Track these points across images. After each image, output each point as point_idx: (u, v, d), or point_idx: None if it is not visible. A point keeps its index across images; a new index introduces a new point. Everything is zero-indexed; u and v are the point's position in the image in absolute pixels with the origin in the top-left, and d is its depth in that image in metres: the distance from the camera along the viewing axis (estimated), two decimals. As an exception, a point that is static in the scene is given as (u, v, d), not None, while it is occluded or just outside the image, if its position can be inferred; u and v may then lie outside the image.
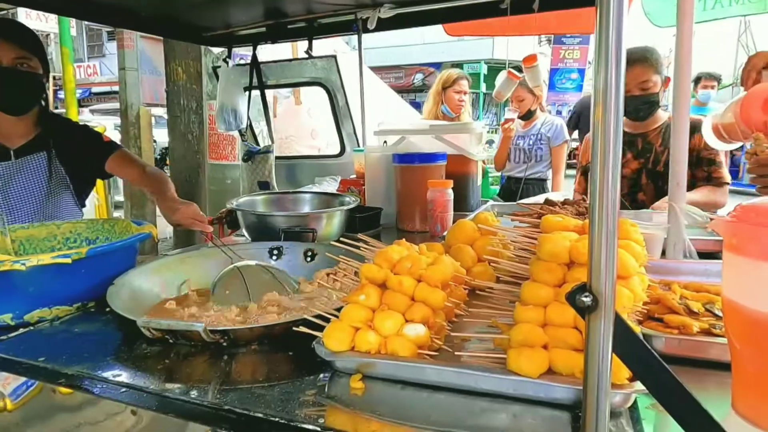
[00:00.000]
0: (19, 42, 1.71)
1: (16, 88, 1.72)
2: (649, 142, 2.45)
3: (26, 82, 1.72)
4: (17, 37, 1.71)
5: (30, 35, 1.76)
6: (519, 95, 3.28)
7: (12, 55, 1.68)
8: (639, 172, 2.45)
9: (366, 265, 0.92)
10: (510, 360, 0.75)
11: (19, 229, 1.53)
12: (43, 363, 0.94)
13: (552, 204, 1.31)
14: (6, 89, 1.70)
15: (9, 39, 1.69)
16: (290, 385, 0.86)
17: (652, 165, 2.41)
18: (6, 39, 1.68)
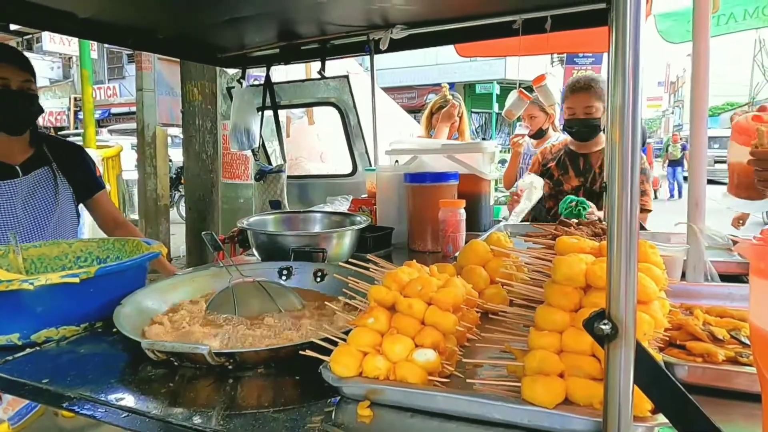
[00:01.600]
0: (25, 67, 1.82)
1: (24, 109, 1.83)
2: (590, 162, 2.65)
3: (31, 103, 1.84)
4: (23, 63, 1.83)
5: (28, 61, 1.87)
6: (531, 112, 3.25)
7: (20, 78, 1.80)
8: (578, 189, 2.63)
9: (375, 287, 0.90)
10: (524, 389, 0.72)
11: (30, 247, 1.54)
12: (47, 385, 0.92)
13: (566, 225, 1.28)
14: (15, 110, 1.81)
15: (16, 64, 1.81)
16: (296, 411, 0.83)
17: (590, 184, 2.60)
18: (14, 64, 1.80)
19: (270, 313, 1.25)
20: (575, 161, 2.68)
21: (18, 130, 1.86)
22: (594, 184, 2.58)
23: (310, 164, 4.84)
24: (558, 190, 2.65)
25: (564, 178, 2.67)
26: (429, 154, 2.32)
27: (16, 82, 1.79)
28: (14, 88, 1.78)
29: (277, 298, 1.30)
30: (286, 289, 1.35)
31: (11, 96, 1.78)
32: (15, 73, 1.79)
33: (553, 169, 2.72)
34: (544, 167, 2.77)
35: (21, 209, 1.83)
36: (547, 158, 2.79)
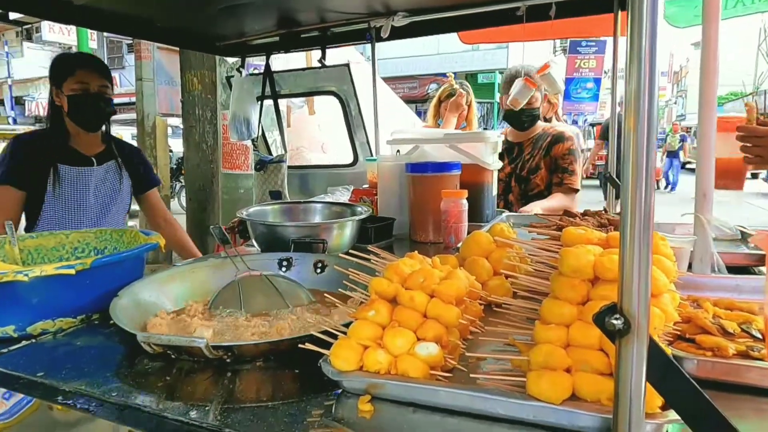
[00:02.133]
0: (103, 73, 2.10)
1: (100, 111, 2.10)
2: (522, 149, 2.83)
3: (106, 105, 2.11)
4: (102, 69, 2.11)
5: (107, 68, 2.17)
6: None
7: (98, 83, 2.07)
8: (510, 176, 2.84)
9: (375, 279, 0.87)
10: (530, 384, 0.69)
11: (27, 238, 1.52)
12: (42, 378, 0.90)
13: (572, 215, 1.25)
14: (92, 111, 2.08)
15: (96, 70, 2.08)
16: (296, 405, 0.82)
17: (519, 170, 2.80)
18: (94, 70, 2.07)
19: (277, 309, 1.22)
20: (510, 150, 2.85)
21: (94, 128, 2.14)
22: (523, 170, 2.79)
23: (311, 154, 4.80)
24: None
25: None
26: (431, 144, 2.29)
27: (95, 86, 2.05)
28: (93, 91, 2.05)
29: (285, 293, 1.27)
30: (295, 284, 1.33)
31: (90, 98, 2.04)
32: (94, 78, 2.05)
33: None
34: None
35: (92, 194, 2.12)
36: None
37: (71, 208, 2.08)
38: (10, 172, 2.02)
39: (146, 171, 2.37)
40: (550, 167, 2.78)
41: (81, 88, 2.03)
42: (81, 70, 2.04)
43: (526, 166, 2.79)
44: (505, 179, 2.84)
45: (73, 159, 2.10)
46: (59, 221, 2.05)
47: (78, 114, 2.07)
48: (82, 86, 2.03)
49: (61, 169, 2.05)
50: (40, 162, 2.03)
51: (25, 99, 24.36)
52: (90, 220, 2.10)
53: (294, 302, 1.27)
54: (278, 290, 1.29)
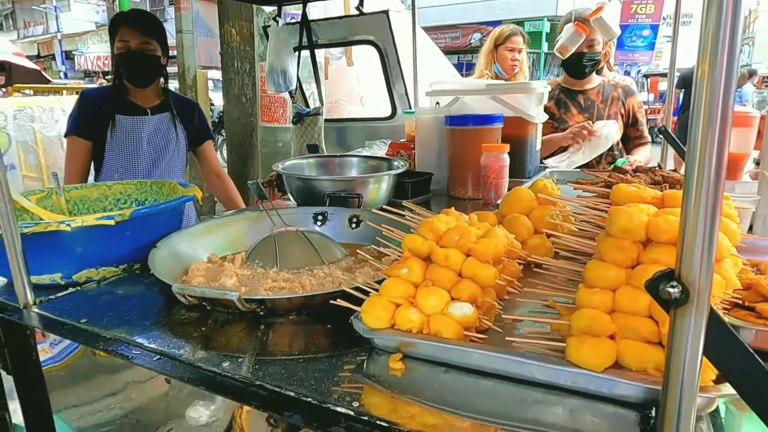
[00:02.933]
0: (143, 30, 2.12)
1: (142, 67, 2.14)
2: (590, 98, 2.68)
3: (148, 62, 2.14)
4: (142, 25, 2.13)
5: (153, 23, 2.19)
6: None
7: (138, 41, 2.10)
8: None
9: (409, 236, 0.84)
10: (570, 349, 0.66)
11: (72, 189, 1.56)
12: (85, 325, 0.94)
13: (622, 172, 1.17)
14: (134, 67, 2.14)
15: (135, 27, 2.11)
16: (327, 360, 0.81)
17: (597, 119, 2.61)
18: (134, 27, 2.11)
19: (312, 265, 1.22)
20: (574, 98, 2.70)
21: (142, 83, 2.19)
22: (600, 119, 2.60)
23: (350, 107, 4.72)
24: (563, 129, 2.62)
25: (567, 116, 2.68)
26: (472, 95, 2.19)
27: (135, 43, 2.09)
28: (133, 49, 2.10)
29: (319, 248, 1.27)
30: (329, 240, 1.32)
31: (131, 56, 2.10)
32: (134, 36, 2.09)
33: (552, 108, 2.68)
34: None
35: (146, 142, 2.20)
36: None
37: (127, 156, 2.18)
38: (75, 124, 2.18)
39: (201, 125, 2.43)
40: (628, 121, 2.69)
41: (123, 46, 2.10)
42: (123, 28, 2.11)
43: (603, 116, 2.64)
44: None
45: (130, 110, 2.20)
46: (118, 169, 2.18)
47: (124, 71, 2.16)
48: (124, 44, 2.10)
49: (118, 119, 2.17)
50: (101, 114, 2.16)
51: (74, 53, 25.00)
52: (145, 168, 2.21)
53: (329, 258, 1.26)
54: (313, 245, 1.28)
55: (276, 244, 1.27)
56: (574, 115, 2.67)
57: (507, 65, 3.21)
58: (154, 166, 2.23)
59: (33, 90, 6.11)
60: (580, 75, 2.64)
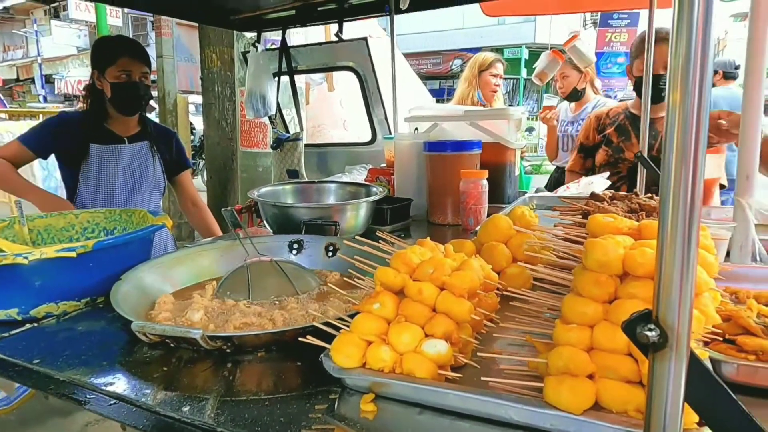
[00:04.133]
0: (144, 60, 2.13)
1: (140, 98, 2.13)
2: (655, 128, 2.34)
3: (146, 92, 2.15)
4: (143, 57, 2.13)
5: (147, 54, 2.17)
6: (563, 71, 2.98)
7: (140, 71, 2.10)
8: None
9: (381, 268, 0.81)
10: (548, 390, 0.63)
11: (37, 218, 1.50)
12: (37, 366, 0.87)
13: (598, 199, 1.16)
14: (133, 98, 2.11)
15: (138, 58, 2.10)
16: (296, 401, 0.77)
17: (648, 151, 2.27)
18: (137, 58, 2.10)
19: (285, 296, 1.17)
20: (638, 126, 2.32)
21: (132, 113, 2.19)
22: (651, 149, 2.30)
23: (333, 131, 4.71)
24: (618, 158, 2.39)
25: (625, 145, 2.40)
26: (450, 121, 2.19)
27: (137, 74, 2.09)
28: (135, 79, 2.08)
29: (294, 279, 1.22)
30: (303, 270, 1.28)
31: (132, 86, 2.08)
32: (136, 66, 2.08)
33: (611, 135, 2.44)
34: (601, 133, 2.50)
35: (122, 171, 2.16)
36: (605, 123, 2.51)
37: (102, 185, 2.13)
38: (32, 135, 2.11)
39: (178, 154, 2.39)
40: None
41: (125, 76, 2.07)
42: (123, 58, 2.07)
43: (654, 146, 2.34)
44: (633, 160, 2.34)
45: (106, 138, 2.15)
46: (92, 199, 2.12)
47: (120, 101, 2.11)
48: (126, 74, 2.07)
49: (92, 148, 2.11)
50: (75, 141, 2.10)
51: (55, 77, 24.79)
52: (121, 197, 2.16)
53: (303, 288, 1.21)
54: (287, 276, 1.24)
55: (248, 274, 1.23)
56: (633, 144, 2.38)
57: (489, 90, 3.26)
58: (131, 196, 2.19)
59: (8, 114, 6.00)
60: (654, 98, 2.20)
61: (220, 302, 1.14)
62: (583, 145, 2.60)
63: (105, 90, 2.10)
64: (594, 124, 2.56)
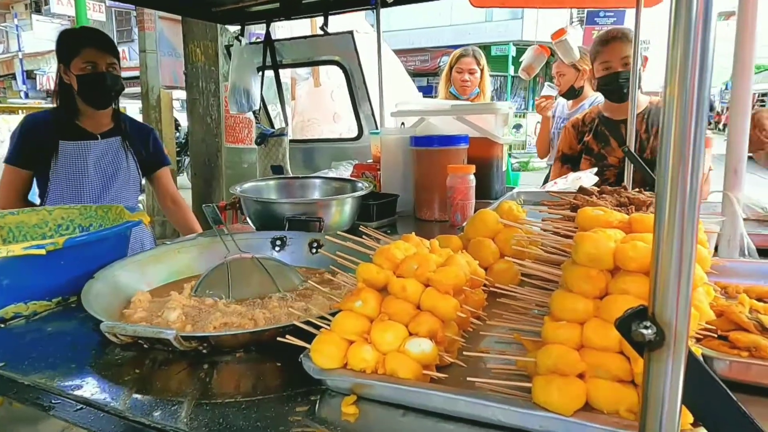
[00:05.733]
0: (110, 50, 2.06)
1: (109, 89, 2.06)
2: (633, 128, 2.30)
3: (115, 83, 2.07)
4: (109, 46, 2.06)
5: (112, 42, 2.12)
6: (560, 70, 2.94)
7: (105, 61, 2.02)
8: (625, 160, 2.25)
9: (363, 264, 0.78)
10: (536, 390, 0.60)
11: (8, 215, 1.44)
12: (1, 370, 0.83)
13: (587, 193, 1.14)
14: (101, 90, 2.04)
15: (103, 48, 2.03)
16: (275, 404, 0.73)
17: (639, 152, 2.21)
18: (102, 48, 2.03)
19: (266, 294, 1.14)
20: (615, 129, 2.35)
21: (103, 106, 2.10)
22: (644, 152, 2.24)
23: (323, 126, 4.65)
24: (602, 165, 2.33)
25: (606, 151, 2.34)
26: (437, 116, 2.16)
27: (103, 64, 2.01)
28: (101, 70, 2.01)
29: (276, 277, 1.18)
30: (286, 267, 1.24)
31: (99, 77, 2.01)
32: (101, 57, 2.01)
33: (590, 142, 2.40)
34: (580, 141, 2.45)
35: (93, 168, 2.08)
36: (583, 131, 2.46)
37: (72, 183, 2.07)
38: (15, 152, 2.06)
39: (155, 150, 2.32)
40: None
41: (90, 67, 2.00)
42: (88, 49, 2.00)
43: (646, 147, 2.26)
44: (620, 165, 2.30)
45: (76, 135, 2.08)
46: (63, 197, 2.05)
47: (88, 93, 2.05)
48: (91, 65, 2.00)
49: (62, 145, 2.05)
50: (45, 141, 2.04)
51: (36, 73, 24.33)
52: (92, 194, 2.09)
53: (285, 286, 1.18)
54: (269, 273, 1.20)
55: (229, 272, 1.19)
56: (614, 149, 2.33)
57: (459, 86, 3.23)
58: (103, 193, 2.12)
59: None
60: (619, 97, 2.29)
61: (198, 301, 1.10)
62: (566, 155, 2.54)
63: (72, 83, 2.04)
64: (573, 133, 2.51)
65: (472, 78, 3.17)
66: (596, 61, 2.33)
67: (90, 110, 2.11)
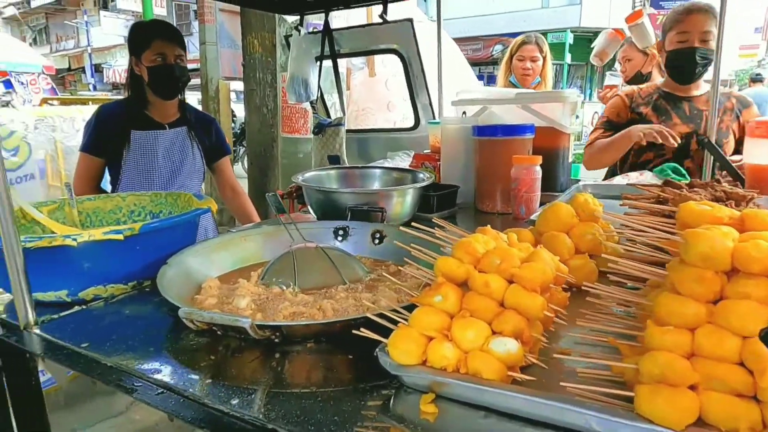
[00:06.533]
0: (179, 42, 2.11)
1: (177, 80, 2.12)
2: (696, 107, 2.23)
3: (183, 74, 2.14)
4: (177, 39, 2.12)
5: (180, 35, 2.17)
6: (626, 54, 2.75)
7: (174, 53, 2.09)
8: (688, 137, 2.18)
9: (443, 258, 0.74)
10: (640, 400, 0.55)
11: (86, 201, 1.51)
12: (85, 350, 0.86)
13: (675, 186, 1.05)
14: (170, 81, 2.11)
15: (172, 40, 2.09)
16: (349, 398, 0.71)
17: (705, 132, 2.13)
18: (171, 40, 2.09)
19: (332, 284, 1.13)
20: (678, 105, 2.23)
21: (171, 96, 2.18)
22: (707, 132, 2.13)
23: (377, 115, 4.63)
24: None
25: (668, 125, 2.18)
26: (500, 105, 2.09)
27: (171, 56, 2.08)
28: (170, 61, 2.08)
29: (341, 267, 1.18)
30: (350, 257, 1.23)
31: (168, 69, 2.08)
32: (170, 48, 2.07)
33: (648, 115, 2.27)
34: (634, 111, 2.32)
35: (162, 157, 2.16)
36: (638, 102, 2.32)
37: (143, 171, 2.15)
38: (90, 141, 2.15)
39: (218, 140, 2.39)
40: (742, 137, 2.17)
41: (160, 59, 2.07)
42: (158, 41, 2.07)
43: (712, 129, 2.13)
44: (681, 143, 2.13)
45: (146, 125, 2.16)
46: (133, 185, 2.14)
47: (157, 84, 2.12)
48: (161, 57, 2.07)
49: (133, 134, 2.13)
50: (117, 130, 2.12)
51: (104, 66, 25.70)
52: (161, 182, 2.17)
53: (349, 276, 1.16)
54: (333, 263, 1.19)
55: (294, 261, 1.19)
56: (676, 124, 2.21)
57: (520, 75, 3.11)
58: (171, 181, 2.20)
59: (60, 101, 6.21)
60: (688, 76, 2.15)
61: (265, 289, 1.10)
62: (612, 122, 2.38)
63: (143, 75, 2.11)
64: (625, 103, 2.36)
65: (534, 66, 3.05)
66: (672, 32, 2.14)
67: (158, 101, 2.18)
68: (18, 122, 2.57)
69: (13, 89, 10.84)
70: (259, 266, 1.25)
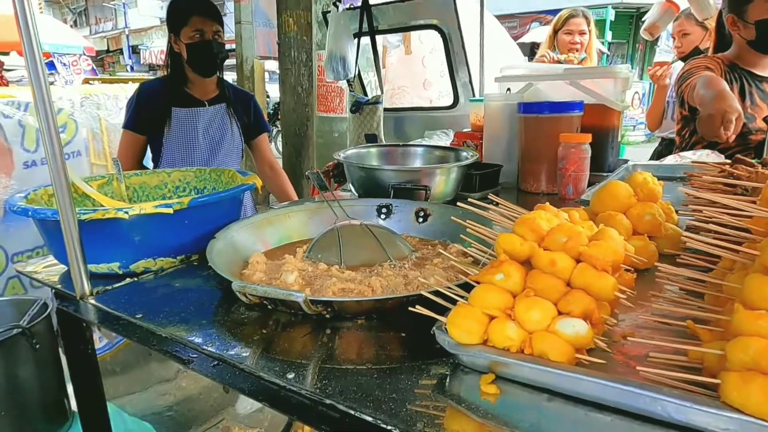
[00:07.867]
0: (216, 18, 2.11)
1: (215, 57, 2.13)
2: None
3: (220, 51, 2.14)
4: (215, 15, 2.11)
5: (218, 11, 2.16)
6: (683, 28, 2.56)
7: (212, 29, 2.09)
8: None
9: (504, 235, 0.71)
10: (728, 388, 0.51)
11: (133, 176, 1.53)
12: (140, 321, 0.87)
13: (748, 164, 0.98)
14: (208, 57, 2.11)
15: (210, 16, 2.09)
16: (402, 375, 0.70)
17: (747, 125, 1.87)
18: (208, 16, 2.09)
19: (377, 261, 1.11)
20: (759, 87, 1.97)
21: (209, 73, 2.18)
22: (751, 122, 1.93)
23: (413, 92, 4.56)
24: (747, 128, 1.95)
25: (753, 110, 1.96)
26: (546, 81, 2.01)
27: (209, 32, 2.09)
28: (208, 38, 2.09)
29: (385, 245, 1.16)
30: (394, 235, 1.21)
31: (205, 45, 2.08)
32: (208, 24, 2.08)
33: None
34: None
35: (202, 133, 2.18)
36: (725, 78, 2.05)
37: (184, 148, 2.17)
38: (132, 118, 2.18)
39: (256, 117, 2.39)
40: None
41: (198, 35, 2.08)
42: (195, 17, 2.08)
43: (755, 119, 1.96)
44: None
45: (187, 102, 2.19)
46: (174, 162, 2.17)
47: (196, 61, 2.13)
48: (199, 33, 2.08)
49: (174, 111, 2.15)
50: (158, 107, 2.15)
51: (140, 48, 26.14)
52: (201, 159, 2.19)
53: (395, 254, 1.15)
54: (378, 240, 1.17)
55: (339, 238, 1.18)
56: (761, 108, 1.95)
57: (566, 51, 2.99)
58: (211, 158, 2.22)
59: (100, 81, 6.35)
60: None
61: (312, 265, 1.09)
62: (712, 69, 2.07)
63: (182, 52, 2.12)
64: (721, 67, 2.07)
65: (582, 39, 2.92)
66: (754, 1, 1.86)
67: (198, 78, 2.19)
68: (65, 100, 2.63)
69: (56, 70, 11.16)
70: (303, 243, 1.25)
